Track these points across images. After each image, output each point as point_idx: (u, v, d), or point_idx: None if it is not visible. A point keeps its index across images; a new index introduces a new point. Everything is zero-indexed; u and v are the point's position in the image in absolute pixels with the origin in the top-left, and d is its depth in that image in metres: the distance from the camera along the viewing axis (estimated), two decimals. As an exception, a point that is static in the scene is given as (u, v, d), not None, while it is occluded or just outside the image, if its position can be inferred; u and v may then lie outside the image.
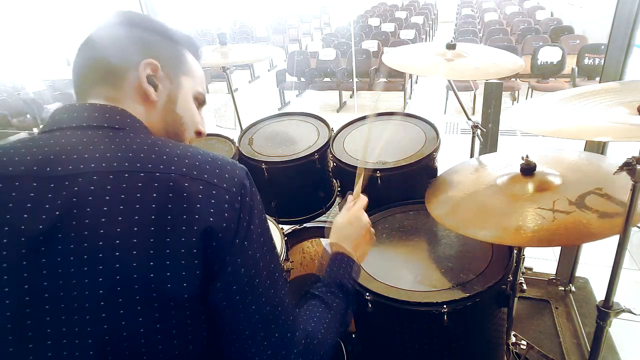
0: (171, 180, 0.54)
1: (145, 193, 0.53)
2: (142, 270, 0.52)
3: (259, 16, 11.34)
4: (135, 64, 0.63)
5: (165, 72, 0.67)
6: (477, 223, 0.99)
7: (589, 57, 4.82)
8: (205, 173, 0.57)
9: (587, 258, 2.03)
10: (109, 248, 0.51)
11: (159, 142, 0.60)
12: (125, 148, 0.57)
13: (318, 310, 0.73)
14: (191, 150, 0.60)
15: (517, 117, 0.93)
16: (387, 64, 1.38)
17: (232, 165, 0.60)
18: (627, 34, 1.38)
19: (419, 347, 1.04)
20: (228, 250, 0.56)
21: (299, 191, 1.66)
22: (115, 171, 0.54)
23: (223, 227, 0.55)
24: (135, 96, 0.64)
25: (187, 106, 0.71)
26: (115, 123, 0.60)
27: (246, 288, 0.58)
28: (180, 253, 0.53)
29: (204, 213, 0.54)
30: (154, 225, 0.52)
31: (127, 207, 0.52)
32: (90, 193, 0.52)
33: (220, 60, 1.74)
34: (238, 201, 0.57)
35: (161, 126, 0.68)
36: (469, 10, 9.22)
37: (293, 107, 6.07)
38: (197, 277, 0.54)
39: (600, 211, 0.89)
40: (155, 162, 0.56)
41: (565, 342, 1.66)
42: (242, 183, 0.59)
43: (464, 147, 1.85)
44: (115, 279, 0.51)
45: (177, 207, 0.53)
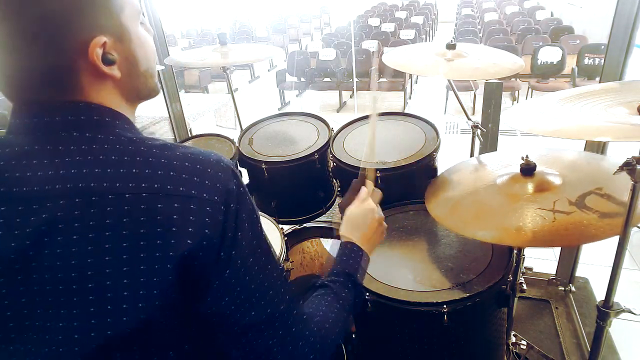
0: (143, 202, 0.50)
1: (116, 218, 0.49)
2: (115, 301, 0.50)
3: (259, 16, 11.34)
4: (78, 52, 0.51)
5: (112, 34, 0.54)
6: (476, 223, 0.99)
7: (589, 57, 4.82)
8: (181, 185, 0.52)
9: (587, 258, 2.03)
10: (82, 279, 0.49)
11: (131, 146, 0.53)
12: (91, 160, 0.51)
13: (326, 299, 0.71)
14: (168, 153, 0.54)
15: (517, 117, 0.93)
16: (387, 64, 1.38)
17: (214, 167, 0.55)
18: (627, 34, 1.38)
19: (419, 347, 1.04)
20: (213, 266, 0.53)
21: (299, 191, 1.66)
22: (83, 194, 0.49)
23: (204, 246, 0.51)
24: (96, 80, 0.54)
25: (145, 50, 0.60)
26: (82, 126, 0.53)
27: (241, 296, 0.56)
28: (154, 282, 0.50)
29: (181, 236, 0.50)
30: (126, 254, 0.49)
31: (98, 235, 0.49)
32: (59, 220, 0.49)
33: (220, 60, 1.74)
34: (221, 211, 0.53)
35: (133, 94, 0.61)
36: (469, 10, 9.22)
37: (293, 107, 6.07)
38: (174, 298, 0.52)
39: (601, 211, 0.89)
40: (124, 179, 0.50)
41: (565, 342, 1.66)
42: (226, 188, 0.54)
43: (464, 147, 1.85)
44: (90, 311, 0.49)
45: (150, 232, 0.50)
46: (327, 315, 0.68)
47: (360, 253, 0.82)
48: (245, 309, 0.56)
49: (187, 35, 10.35)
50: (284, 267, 1.30)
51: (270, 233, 1.41)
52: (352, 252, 0.82)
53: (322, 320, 0.67)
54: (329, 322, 0.67)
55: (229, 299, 0.55)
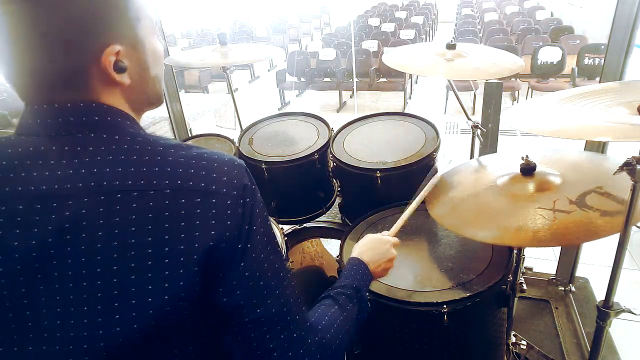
0: (166, 198, 0.51)
1: (141, 215, 0.50)
2: (140, 294, 0.51)
3: (259, 16, 11.34)
4: (92, 59, 0.53)
5: (126, 44, 0.55)
6: (477, 223, 0.99)
7: (589, 57, 4.82)
8: (202, 181, 0.54)
9: (587, 258, 2.03)
10: (106, 275, 0.50)
11: (148, 146, 0.55)
12: (112, 160, 0.52)
13: (330, 310, 0.72)
14: (184, 152, 0.56)
15: (517, 117, 0.93)
16: (387, 64, 1.38)
17: (229, 165, 0.57)
18: (627, 34, 1.38)
19: (419, 347, 1.04)
20: (231, 257, 0.55)
21: (299, 191, 1.66)
22: (106, 192, 0.51)
23: (226, 237, 0.53)
24: (107, 86, 0.56)
25: (156, 57, 0.62)
26: (97, 126, 0.54)
27: (251, 291, 0.57)
28: (179, 274, 0.52)
29: (204, 230, 0.52)
30: (151, 248, 0.50)
31: (123, 231, 0.50)
32: (83, 217, 0.50)
33: (220, 60, 1.74)
34: (240, 204, 0.55)
35: (142, 100, 0.62)
36: (469, 10, 9.22)
37: (293, 107, 6.07)
38: (197, 290, 0.54)
39: (601, 210, 0.89)
40: (147, 176, 0.52)
41: (565, 342, 1.66)
42: (242, 183, 0.56)
43: (464, 147, 1.85)
44: (114, 305, 0.50)
45: (174, 227, 0.51)
46: (330, 326, 0.68)
47: (368, 272, 0.85)
48: (253, 304, 0.57)
49: (187, 35, 10.35)
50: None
51: (270, 233, 1.41)
52: (360, 268, 0.84)
53: (325, 330, 0.67)
54: (331, 332, 0.67)
55: (240, 292, 0.56)
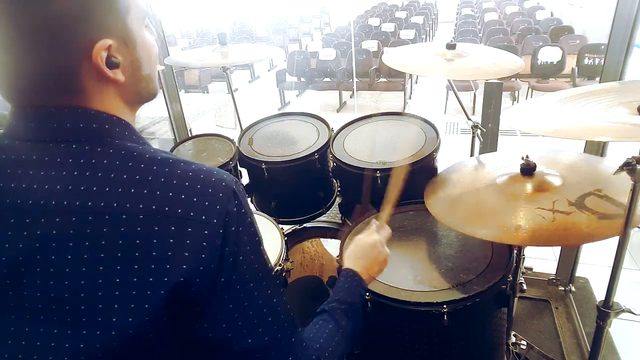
0: (139, 225, 0.49)
1: (111, 240, 0.48)
2: (106, 323, 0.49)
3: (259, 16, 11.34)
4: (83, 54, 0.50)
5: (117, 37, 0.53)
6: (476, 221, 0.99)
7: (589, 57, 4.82)
8: (179, 206, 0.50)
9: (587, 258, 2.03)
10: (73, 300, 0.48)
11: (130, 162, 0.52)
12: (90, 177, 0.50)
13: (327, 327, 0.71)
14: (167, 171, 0.52)
15: (517, 117, 0.93)
16: (387, 64, 1.38)
17: (215, 187, 0.53)
18: (627, 34, 1.37)
19: (419, 347, 1.04)
20: (211, 291, 0.52)
21: (299, 191, 1.66)
22: (79, 212, 0.48)
23: (200, 271, 0.50)
24: (99, 84, 0.53)
25: (149, 53, 0.59)
26: (79, 134, 0.51)
27: (239, 322, 0.54)
28: (144, 308, 0.49)
29: (176, 261, 0.49)
30: (119, 277, 0.48)
31: (92, 257, 0.48)
32: (53, 238, 0.48)
33: (220, 60, 1.74)
34: (219, 235, 0.51)
35: (136, 99, 0.60)
36: (469, 10, 9.22)
37: (293, 107, 6.07)
38: (165, 323, 0.51)
39: (600, 212, 0.89)
40: (122, 199, 0.49)
41: (565, 342, 1.66)
42: (226, 210, 0.52)
43: (464, 147, 1.85)
44: (82, 333, 0.49)
45: (145, 256, 0.48)
46: (327, 344, 0.68)
47: (363, 284, 0.84)
48: (242, 335, 0.55)
49: (187, 35, 10.35)
50: (284, 267, 1.30)
51: (270, 233, 1.41)
52: (354, 281, 0.83)
53: (322, 349, 0.66)
54: (329, 351, 0.67)
55: (226, 325, 0.54)
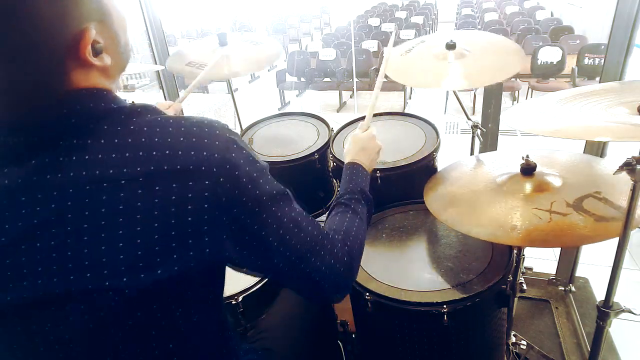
0: (139, 187, 0.49)
1: (111, 207, 0.48)
2: (143, 275, 0.50)
3: (259, 16, 11.34)
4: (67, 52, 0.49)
5: (96, 19, 0.51)
6: (473, 220, 0.99)
7: (589, 57, 4.81)
8: (177, 162, 0.50)
9: (587, 258, 2.03)
10: (112, 266, 0.49)
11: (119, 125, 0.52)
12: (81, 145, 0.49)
13: (347, 215, 0.78)
14: (159, 132, 0.52)
15: (517, 117, 0.93)
16: (390, 77, 1.38)
17: (210, 137, 0.53)
18: (627, 34, 1.37)
19: (418, 347, 1.04)
20: (226, 236, 0.54)
21: (299, 191, 1.65)
22: (74, 184, 0.48)
23: (206, 220, 0.52)
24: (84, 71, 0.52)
25: (123, 23, 0.57)
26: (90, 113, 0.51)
27: (270, 251, 0.60)
28: (173, 259, 0.51)
29: (180, 216, 0.50)
30: (122, 242, 0.48)
31: (93, 225, 0.48)
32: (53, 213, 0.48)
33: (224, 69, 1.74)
34: (220, 184, 0.52)
35: (119, 70, 0.58)
36: (469, 10, 9.21)
37: (293, 107, 6.07)
38: (195, 276, 0.54)
39: (597, 214, 0.89)
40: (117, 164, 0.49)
41: (565, 342, 1.66)
42: (224, 157, 0.53)
43: (464, 147, 1.85)
44: (114, 298, 0.49)
45: (147, 217, 0.49)
46: (349, 229, 0.75)
47: (366, 172, 0.92)
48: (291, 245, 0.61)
49: (187, 35, 10.35)
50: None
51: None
52: (359, 171, 0.90)
53: (346, 236, 0.73)
54: (352, 235, 0.74)
55: (271, 246, 0.59)
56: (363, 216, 0.81)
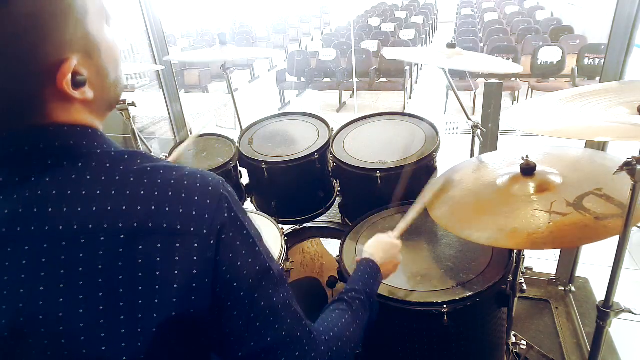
0: (120, 245, 0.44)
1: (89, 266, 0.43)
2: (93, 345, 0.44)
3: (259, 16, 11.34)
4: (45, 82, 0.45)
5: (80, 51, 0.47)
6: (474, 224, 0.99)
7: (589, 57, 4.82)
8: (164, 220, 0.46)
9: (587, 258, 2.03)
10: (53, 330, 0.44)
11: (102, 175, 0.47)
12: (56, 195, 0.45)
13: (345, 316, 0.71)
14: (145, 182, 0.47)
15: (517, 117, 0.93)
16: (387, 57, 1.37)
17: (201, 194, 0.48)
18: (627, 34, 1.37)
19: (418, 347, 1.04)
20: (210, 307, 0.49)
21: (299, 191, 1.66)
22: (50, 237, 0.43)
23: (194, 289, 0.47)
24: (65, 105, 0.48)
25: (114, 57, 0.52)
26: (53, 153, 0.46)
27: (255, 323, 0.53)
28: (140, 341, 0.45)
29: (166, 287, 0.45)
30: (103, 305, 0.44)
31: (70, 285, 0.43)
32: (24, 269, 0.43)
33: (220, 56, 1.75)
34: (211, 247, 0.48)
35: (105, 107, 0.54)
36: (469, 10, 9.22)
37: (293, 107, 6.07)
38: (170, 346, 0.48)
39: (598, 213, 0.89)
40: (98, 218, 0.44)
41: (565, 342, 1.66)
42: (215, 217, 0.48)
43: (464, 147, 1.85)
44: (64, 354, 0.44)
45: (130, 279, 0.44)
46: (340, 334, 0.67)
47: (380, 276, 0.85)
48: (261, 335, 0.53)
49: (187, 35, 10.35)
50: (284, 267, 1.30)
51: (270, 233, 1.41)
52: (374, 272, 0.84)
53: (333, 339, 0.65)
54: (342, 341, 0.66)
55: (229, 331, 0.52)
56: (362, 321, 0.73)
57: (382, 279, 0.86)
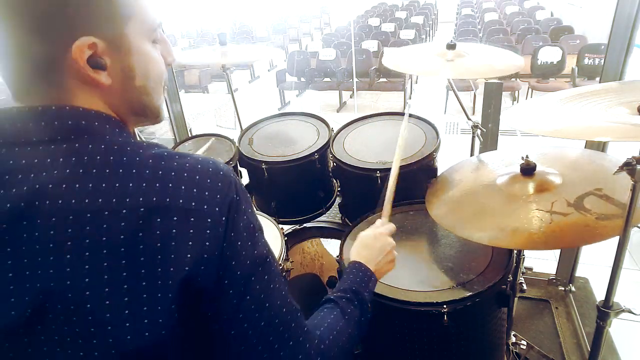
0: (140, 218, 0.47)
1: (112, 236, 0.46)
2: (117, 321, 0.47)
3: (259, 16, 11.34)
4: (63, 49, 0.49)
5: (107, 40, 0.51)
6: (474, 224, 0.99)
7: (589, 57, 4.82)
8: (180, 197, 0.50)
9: (587, 258, 2.03)
10: (79, 300, 0.46)
11: (124, 157, 0.51)
12: (82, 175, 0.48)
13: (332, 313, 0.71)
14: (163, 165, 0.51)
15: (517, 117, 0.93)
16: (386, 66, 1.38)
17: (213, 177, 0.52)
18: (627, 34, 1.38)
19: (419, 347, 1.04)
20: (215, 282, 0.51)
21: (299, 191, 1.66)
22: (75, 210, 0.47)
23: (205, 259, 0.50)
24: (84, 86, 0.52)
25: (147, 67, 0.57)
26: (69, 131, 0.50)
27: (237, 308, 0.54)
28: (158, 298, 0.48)
29: (181, 254, 0.48)
30: (126, 271, 0.47)
31: (94, 254, 0.46)
32: (50, 240, 0.46)
33: (220, 58, 1.75)
34: (222, 224, 0.51)
35: (125, 108, 0.57)
36: (469, 10, 9.22)
37: (293, 107, 6.07)
38: (174, 322, 0.50)
39: (598, 213, 0.89)
40: (119, 193, 0.48)
41: (565, 342, 1.66)
42: (226, 199, 0.52)
43: (464, 147, 1.85)
44: (90, 331, 0.47)
45: (150, 249, 0.47)
46: (330, 331, 0.67)
47: (369, 274, 0.82)
48: (254, 318, 0.55)
49: (187, 35, 10.35)
50: (284, 267, 1.30)
51: (270, 233, 1.41)
52: (360, 271, 0.82)
53: (324, 335, 0.65)
54: (330, 339, 0.66)
55: (227, 316, 0.53)
56: (351, 318, 0.72)
57: (374, 275, 0.83)
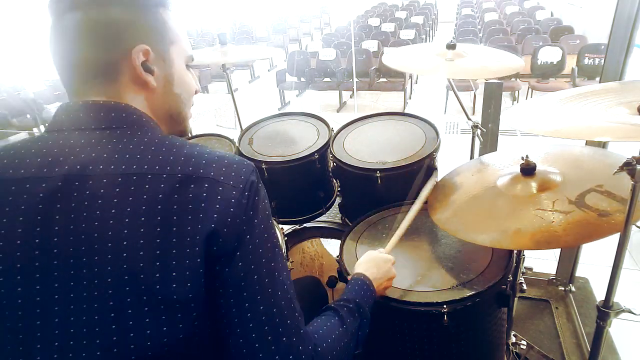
0: (177, 182, 0.55)
1: (152, 195, 0.54)
2: (149, 271, 0.52)
3: (259, 16, 11.33)
4: (125, 53, 0.60)
5: (157, 52, 0.63)
6: (477, 227, 0.99)
7: (589, 57, 4.82)
8: (211, 171, 0.58)
9: (587, 258, 2.03)
10: (117, 249, 0.52)
11: (166, 142, 0.60)
12: (132, 149, 0.57)
13: (330, 320, 0.72)
14: (198, 150, 0.60)
15: (517, 117, 0.93)
16: (387, 64, 1.38)
17: (238, 163, 0.61)
18: (627, 34, 1.38)
19: (418, 347, 1.04)
20: (230, 248, 0.56)
21: (299, 191, 1.66)
22: (124, 174, 0.55)
23: (229, 222, 0.55)
24: (134, 87, 0.63)
25: (183, 80, 0.69)
26: (120, 122, 0.60)
27: (242, 283, 0.57)
28: (186, 253, 0.53)
29: (209, 214, 0.55)
30: (160, 227, 0.53)
31: (135, 210, 0.53)
32: (100, 196, 0.54)
33: (220, 58, 1.75)
34: (245, 196, 0.58)
35: (164, 110, 0.67)
36: (469, 10, 9.22)
37: (293, 107, 6.07)
38: (200, 277, 0.54)
39: (600, 210, 0.89)
40: (161, 163, 0.57)
41: (565, 342, 1.66)
42: (249, 180, 0.59)
43: (464, 147, 1.85)
44: (124, 279, 0.52)
45: (182, 209, 0.54)
46: (327, 336, 0.68)
47: (372, 289, 0.87)
48: (242, 299, 0.57)
49: (187, 35, 10.34)
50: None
51: (270, 233, 1.41)
52: (364, 285, 0.86)
53: (321, 339, 0.66)
54: (327, 342, 0.66)
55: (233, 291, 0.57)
56: (350, 327, 0.73)
57: (376, 293, 0.89)
